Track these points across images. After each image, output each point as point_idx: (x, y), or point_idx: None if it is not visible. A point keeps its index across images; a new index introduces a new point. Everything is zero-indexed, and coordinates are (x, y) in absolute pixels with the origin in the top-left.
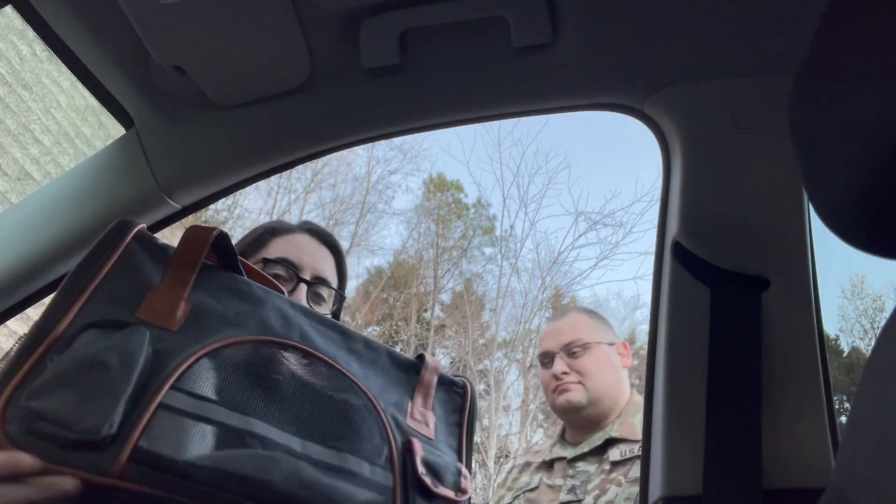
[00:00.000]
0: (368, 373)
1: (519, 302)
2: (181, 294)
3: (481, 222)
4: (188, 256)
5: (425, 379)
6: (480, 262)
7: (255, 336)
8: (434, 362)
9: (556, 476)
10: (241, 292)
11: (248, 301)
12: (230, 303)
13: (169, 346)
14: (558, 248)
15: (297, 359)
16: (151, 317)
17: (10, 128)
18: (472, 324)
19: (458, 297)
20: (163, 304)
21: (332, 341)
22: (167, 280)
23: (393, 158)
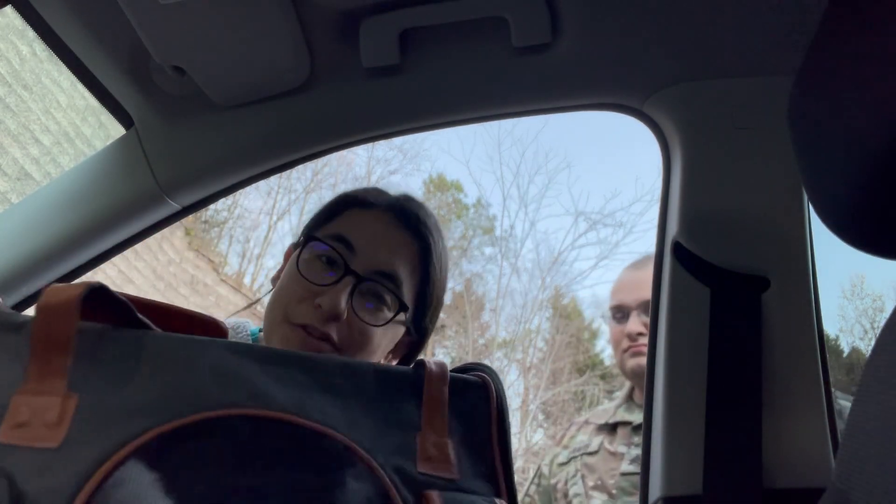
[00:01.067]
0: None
1: (519, 302)
2: (58, 388)
3: (481, 222)
4: (54, 332)
5: (432, 394)
6: (480, 262)
7: (180, 420)
8: (439, 368)
9: (619, 442)
10: (152, 354)
11: (164, 365)
12: (135, 377)
13: (54, 480)
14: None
15: (250, 432)
16: (20, 437)
17: (10, 128)
18: (472, 324)
19: (458, 297)
20: (35, 414)
21: (298, 385)
22: (33, 375)
23: (393, 158)
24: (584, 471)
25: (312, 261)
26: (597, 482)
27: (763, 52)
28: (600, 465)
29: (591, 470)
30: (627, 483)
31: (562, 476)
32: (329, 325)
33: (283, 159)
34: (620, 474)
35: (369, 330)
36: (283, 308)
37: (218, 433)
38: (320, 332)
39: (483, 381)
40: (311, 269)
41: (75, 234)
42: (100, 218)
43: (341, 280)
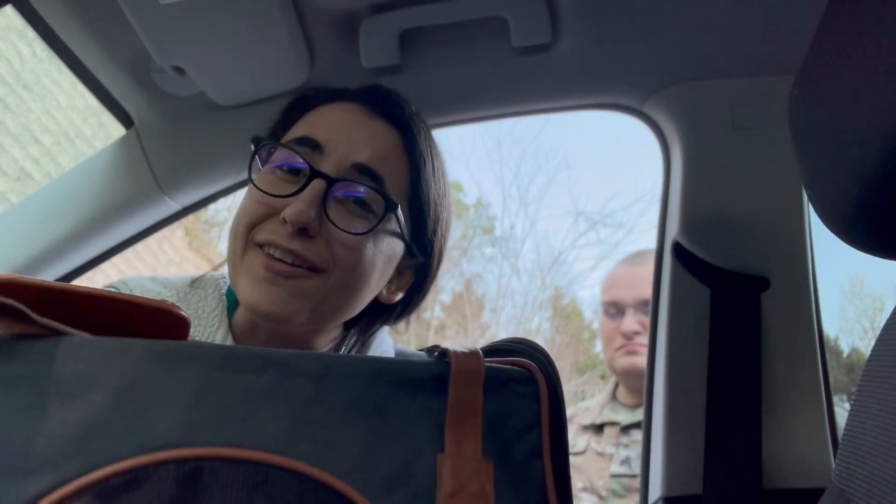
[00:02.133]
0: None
1: (519, 302)
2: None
3: (481, 222)
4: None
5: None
6: (480, 262)
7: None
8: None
9: (607, 442)
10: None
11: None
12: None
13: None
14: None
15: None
16: None
17: (10, 128)
18: (472, 324)
19: (458, 297)
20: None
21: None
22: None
23: None
24: (571, 472)
25: (271, 173)
26: (586, 484)
27: (763, 52)
28: (588, 466)
29: (579, 471)
30: (618, 485)
31: None
32: (297, 241)
33: None
34: (610, 476)
35: (354, 243)
36: (245, 233)
37: (141, 487)
38: (290, 251)
39: (530, 370)
40: (272, 182)
41: (75, 234)
42: (100, 218)
43: (307, 186)
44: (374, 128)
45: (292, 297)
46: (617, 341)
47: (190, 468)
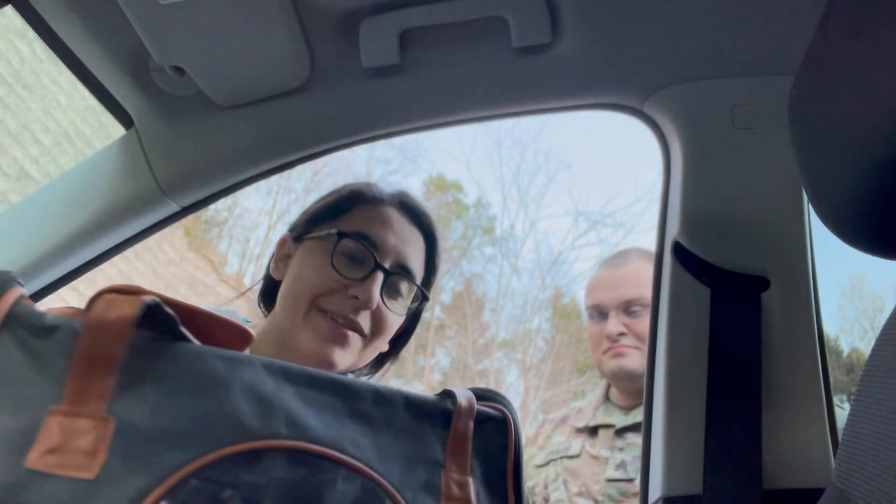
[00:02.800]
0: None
1: (519, 302)
2: (96, 411)
3: (481, 222)
4: (102, 350)
5: (458, 428)
6: (480, 262)
7: (221, 450)
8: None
9: (602, 445)
10: (194, 374)
11: (204, 389)
12: (176, 401)
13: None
14: (558, 248)
15: (286, 467)
16: (53, 465)
17: (10, 128)
18: (472, 324)
19: (458, 297)
20: (70, 438)
21: (331, 411)
22: (71, 394)
23: (393, 158)
24: (567, 475)
25: (340, 255)
26: (581, 488)
27: (763, 52)
28: (584, 469)
29: (574, 475)
30: (614, 490)
31: (540, 479)
32: (359, 314)
33: (283, 159)
34: (606, 480)
35: (391, 318)
36: (312, 298)
37: (256, 466)
38: (351, 321)
39: (503, 415)
40: (340, 263)
41: (75, 234)
42: (100, 218)
43: (370, 274)
44: (412, 235)
45: (346, 352)
46: (603, 344)
47: (292, 456)
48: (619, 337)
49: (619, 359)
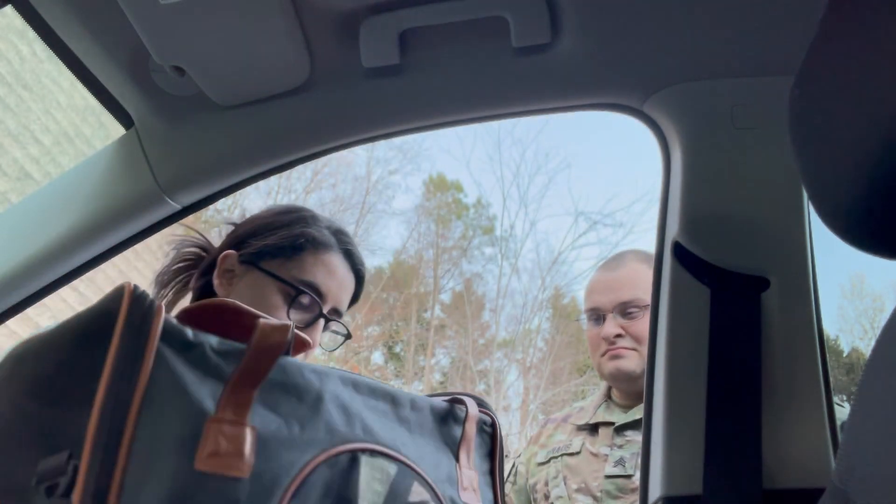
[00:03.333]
0: (420, 445)
1: (519, 302)
2: (245, 420)
3: (481, 222)
4: (258, 370)
5: (468, 432)
6: (480, 262)
7: (326, 453)
8: (474, 408)
9: (601, 443)
10: (297, 388)
11: (306, 399)
12: (290, 409)
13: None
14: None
15: (367, 463)
16: (216, 466)
17: (10, 128)
18: (472, 324)
19: (458, 297)
20: (227, 443)
21: (386, 417)
22: (227, 404)
23: (393, 158)
24: (566, 472)
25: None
26: (580, 485)
27: (763, 52)
28: (583, 466)
29: (574, 472)
30: (612, 486)
31: (541, 476)
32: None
33: (283, 159)
34: (605, 477)
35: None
36: None
37: (348, 466)
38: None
39: (493, 421)
40: (293, 308)
41: (75, 234)
42: (100, 218)
43: (314, 322)
44: (349, 280)
45: None
46: (601, 347)
47: (371, 453)
48: (616, 339)
49: (616, 360)
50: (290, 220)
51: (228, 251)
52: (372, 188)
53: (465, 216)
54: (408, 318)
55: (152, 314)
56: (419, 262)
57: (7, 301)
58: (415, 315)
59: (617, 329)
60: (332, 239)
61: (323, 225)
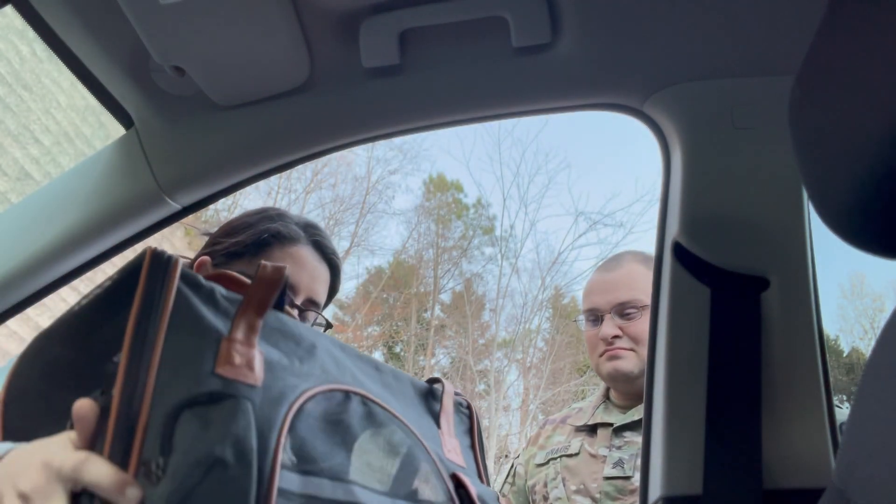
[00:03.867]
0: (405, 407)
1: (519, 302)
2: (253, 342)
3: (481, 222)
4: (259, 300)
5: (446, 405)
6: (480, 262)
7: (324, 386)
8: (450, 387)
9: (600, 444)
10: (294, 335)
11: (302, 344)
12: (289, 349)
13: (262, 412)
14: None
15: (358, 405)
16: (232, 372)
17: (10, 128)
18: (472, 324)
19: (458, 297)
20: (240, 358)
21: (372, 378)
22: (237, 328)
23: (393, 158)
24: (565, 474)
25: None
26: (579, 486)
27: (763, 52)
28: (582, 468)
29: (573, 473)
30: (611, 487)
31: (540, 478)
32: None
33: (283, 159)
34: (604, 478)
35: None
36: None
37: (342, 403)
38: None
39: (468, 403)
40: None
41: (75, 234)
42: (100, 218)
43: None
44: (321, 271)
45: None
46: (599, 347)
47: (361, 399)
48: (613, 339)
49: (614, 361)
50: (255, 219)
51: (203, 258)
52: (372, 188)
53: (465, 216)
54: (408, 318)
55: (171, 262)
56: (419, 262)
57: (7, 301)
58: (415, 315)
59: (615, 330)
60: (300, 232)
61: (291, 221)
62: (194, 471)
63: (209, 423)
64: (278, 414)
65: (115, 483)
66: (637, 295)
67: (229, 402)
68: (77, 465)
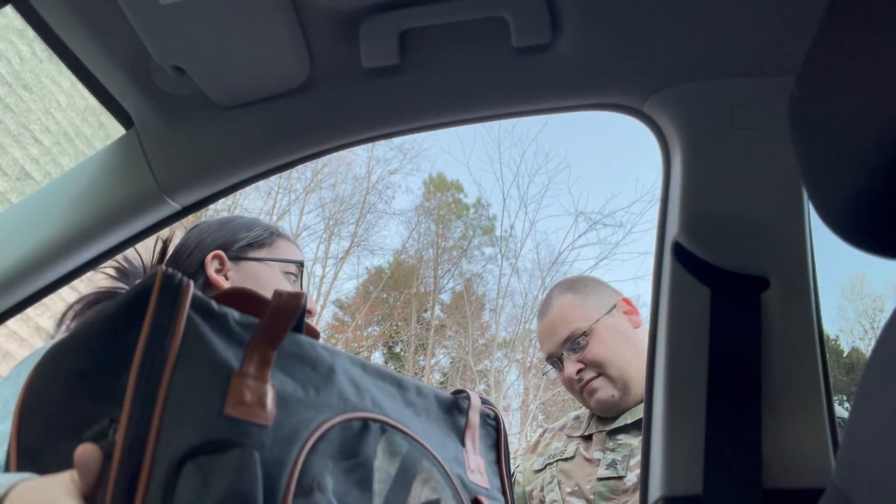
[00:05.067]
0: (427, 427)
1: (519, 302)
2: (266, 377)
3: (481, 222)
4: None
5: (472, 421)
6: (480, 262)
7: (340, 416)
8: (476, 400)
9: (595, 448)
10: (311, 359)
11: (319, 369)
12: (305, 377)
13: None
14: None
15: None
16: (242, 412)
17: (10, 128)
18: (472, 324)
19: (458, 297)
20: (251, 395)
21: (393, 398)
22: (250, 363)
23: (393, 158)
24: (561, 477)
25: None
26: (574, 488)
27: (763, 52)
28: (576, 470)
29: (568, 476)
30: (605, 488)
31: (537, 483)
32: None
33: (283, 159)
34: (597, 479)
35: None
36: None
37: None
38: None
39: (495, 414)
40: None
41: (75, 234)
42: (100, 218)
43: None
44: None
45: None
46: (575, 386)
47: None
48: (579, 375)
49: (594, 395)
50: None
51: (217, 251)
52: (372, 188)
53: (465, 216)
54: (408, 318)
55: (182, 286)
56: (419, 262)
57: (7, 301)
58: (415, 315)
59: (575, 366)
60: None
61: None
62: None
63: (212, 475)
64: (290, 455)
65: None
66: (574, 326)
67: (236, 452)
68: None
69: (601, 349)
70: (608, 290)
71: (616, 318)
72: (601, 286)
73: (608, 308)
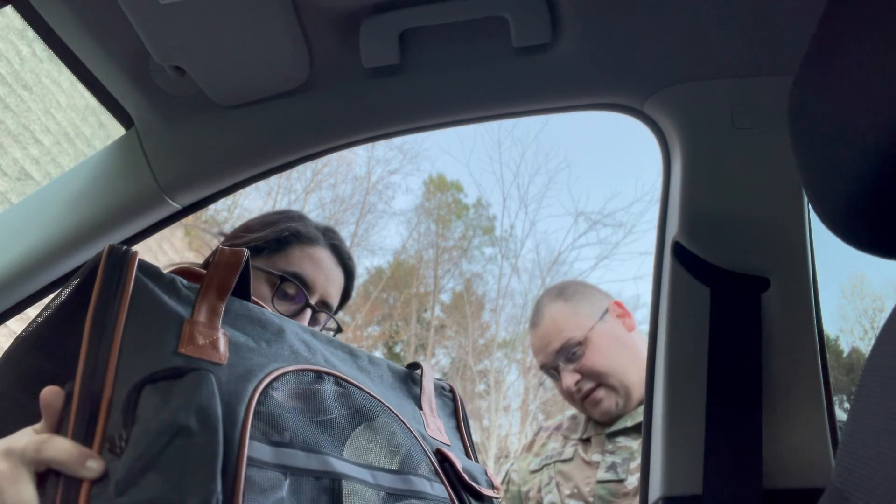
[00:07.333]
0: (383, 390)
1: (519, 302)
2: (216, 325)
3: (481, 222)
4: (219, 284)
5: (426, 388)
6: (480, 262)
7: (295, 366)
8: (429, 369)
9: (594, 450)
10: (260, 320)
11: (270, 328)
12: (256, 333)
13: (228, 388)
14: (558, 248)
15: (331, 385)
16: (197, 351)
17: (10, 128)
18: (472, 324)
19: (458, 297)
20: (203, 339)
21: (346, 362)
22: (199, 311)
23: (393, 158)
24: (559, 478)
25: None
26: (573, 490)
27: (763, 52)
28: (575, 473)
29: (567, 478)
30: (604, 491)
31: (534, 484)
32: None
33: (283, 159)
34: (597, 482)
35: None
36: None
37: (315, 382)
38: None
39: (450, 387)
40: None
41: (75, 234)
42: (100, 218)
43: (301, 311)
44: (336, 274)
45: None
46: (575, 397)
47: (335, 379)
48: (578, 386)
49: (596, 406)
50: (277, 218)
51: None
52: (372, 188)
53: (465, 216)
54: (408, 318)
55: (129, 254)
56: (419, 262)
57: (7, 301)
58: (415, 315)
59: (573, 377)
60: (319, 234)
61: (311, 223)
62: (158, 439)
63: (172, 395)
64: (246, 389)
65: (75, 457)
66: (568, 335)
67: (192, 374)
68: (38, 445)
69: (598, 359)
70: (598, 294)
71: (609, 324)
72: (591, 291)
73: (600, 313)
